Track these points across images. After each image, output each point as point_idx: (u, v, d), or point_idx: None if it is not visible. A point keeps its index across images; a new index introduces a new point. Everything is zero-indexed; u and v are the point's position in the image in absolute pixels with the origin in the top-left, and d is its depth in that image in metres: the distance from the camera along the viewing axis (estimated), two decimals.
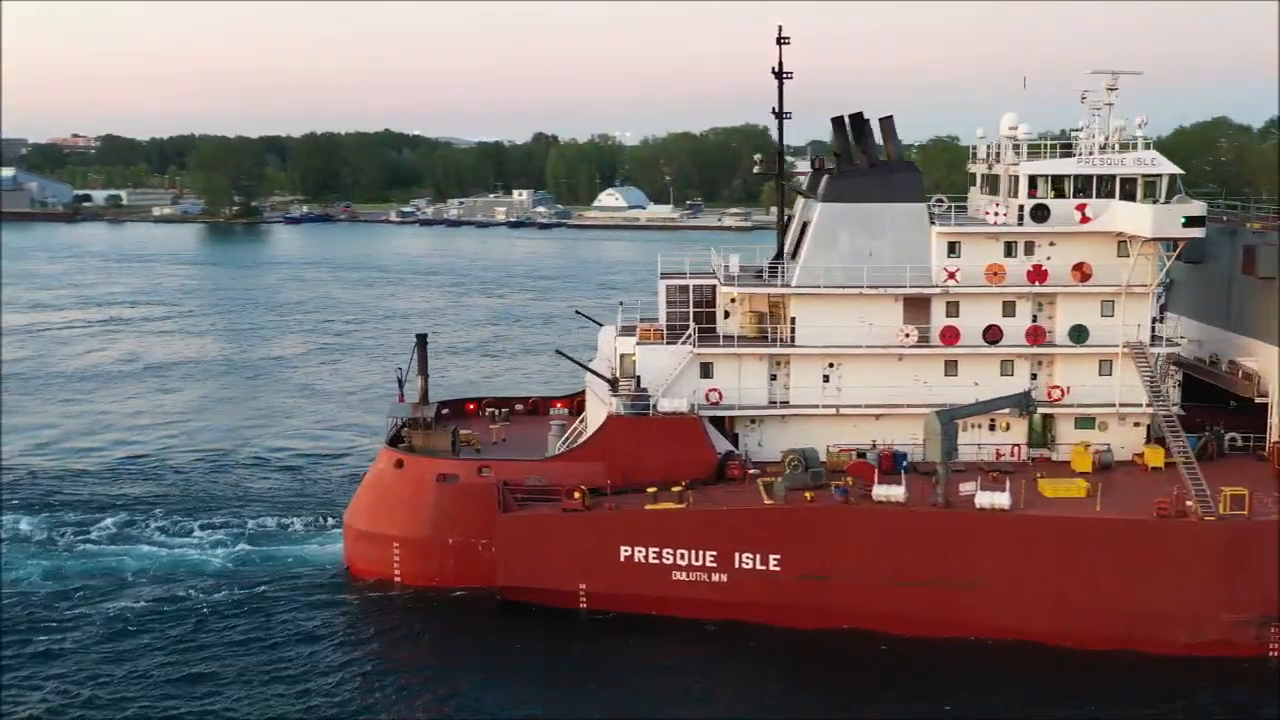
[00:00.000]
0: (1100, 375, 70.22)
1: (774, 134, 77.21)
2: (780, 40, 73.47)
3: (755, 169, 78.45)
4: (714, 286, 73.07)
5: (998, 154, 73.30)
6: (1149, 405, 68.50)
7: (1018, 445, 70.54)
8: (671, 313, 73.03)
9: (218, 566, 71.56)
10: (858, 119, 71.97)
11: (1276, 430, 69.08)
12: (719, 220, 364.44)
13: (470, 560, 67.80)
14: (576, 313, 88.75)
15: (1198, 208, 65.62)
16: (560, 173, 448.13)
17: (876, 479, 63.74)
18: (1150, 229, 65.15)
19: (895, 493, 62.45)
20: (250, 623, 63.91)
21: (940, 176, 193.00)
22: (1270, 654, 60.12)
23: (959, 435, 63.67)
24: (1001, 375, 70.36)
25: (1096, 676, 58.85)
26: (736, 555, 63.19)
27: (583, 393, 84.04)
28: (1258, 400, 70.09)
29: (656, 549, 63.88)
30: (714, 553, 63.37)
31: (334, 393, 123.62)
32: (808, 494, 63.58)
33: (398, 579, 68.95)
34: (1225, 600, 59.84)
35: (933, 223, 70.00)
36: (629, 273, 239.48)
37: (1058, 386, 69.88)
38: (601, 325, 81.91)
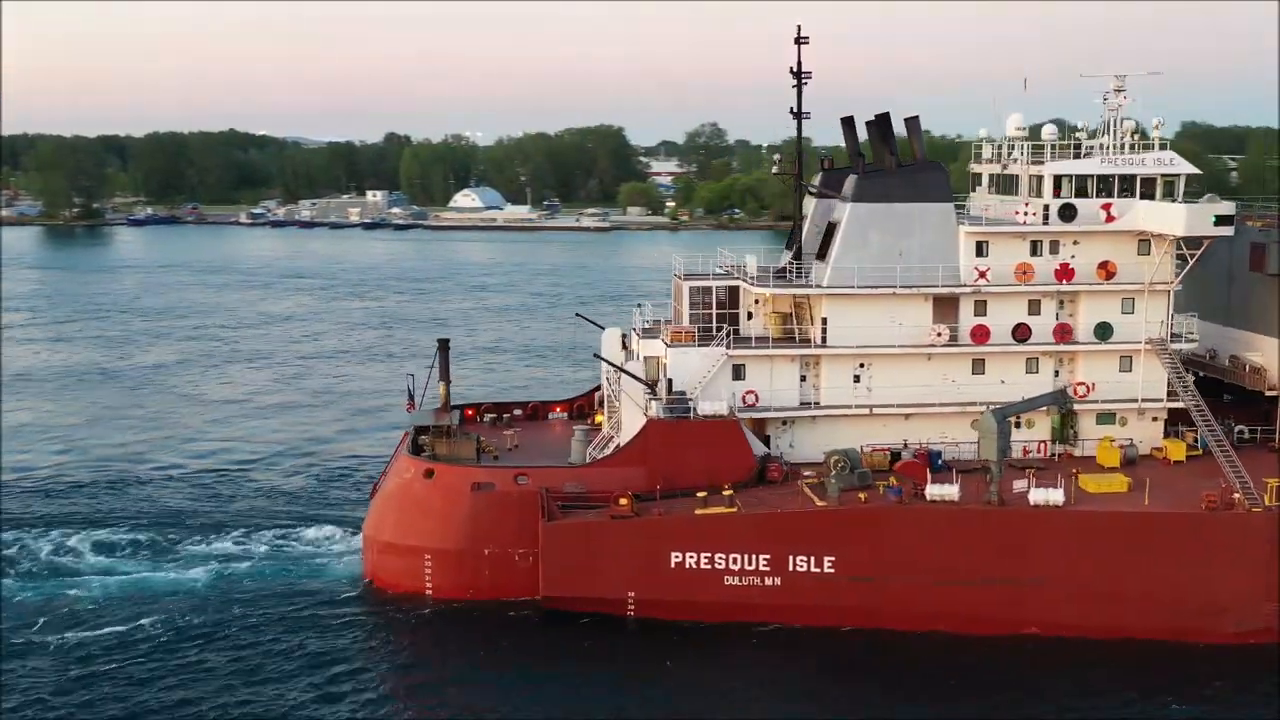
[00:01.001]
0: (1120, 371, 71.41)
1: (628, 135, 78.52)
2: (799, 40, 73.20)
3: (774, 170, 77.87)
4: (737, 287, 72.46)
5: (1010, 154, 74.05)
6: (1169, 400, 70.14)
7: (1042, 442, 71.39)
8: (694, 314, 72.18)
9: (223, 587, 68.05)
10: (884, 119, 72.05)
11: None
12: (577, 221, 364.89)
13: (507, 571, 66.00)
14: (577, 315, 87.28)
15: (1227, 207, 67.19)
16: (414, 173, 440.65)
17: (929, 478, 63.77)
18: (1183, 228, 66.46)
19: (949, 492, 62.53)
20: (281, 644, 61.11)
21: None
22: None
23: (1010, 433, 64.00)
24: (1027, 373, 71.09)
25: (1150, 668, 59.64)
26: (790, 558, 62.58)
27: (583, 397, 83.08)
28: (1268, 393, 72.03)
29: (708, 554, 62.88)
30: (767, 556, 62.66)
31: (241, 400, 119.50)
32: (861, 495, 63.30)
33: (429, 592, 66.75)
34: (1273, 589, 61.29)
35: (960, 222, 70.49)
36: (500, 273, 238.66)
37: (1082, 383, 70.85)
38: (604, 328, 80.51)
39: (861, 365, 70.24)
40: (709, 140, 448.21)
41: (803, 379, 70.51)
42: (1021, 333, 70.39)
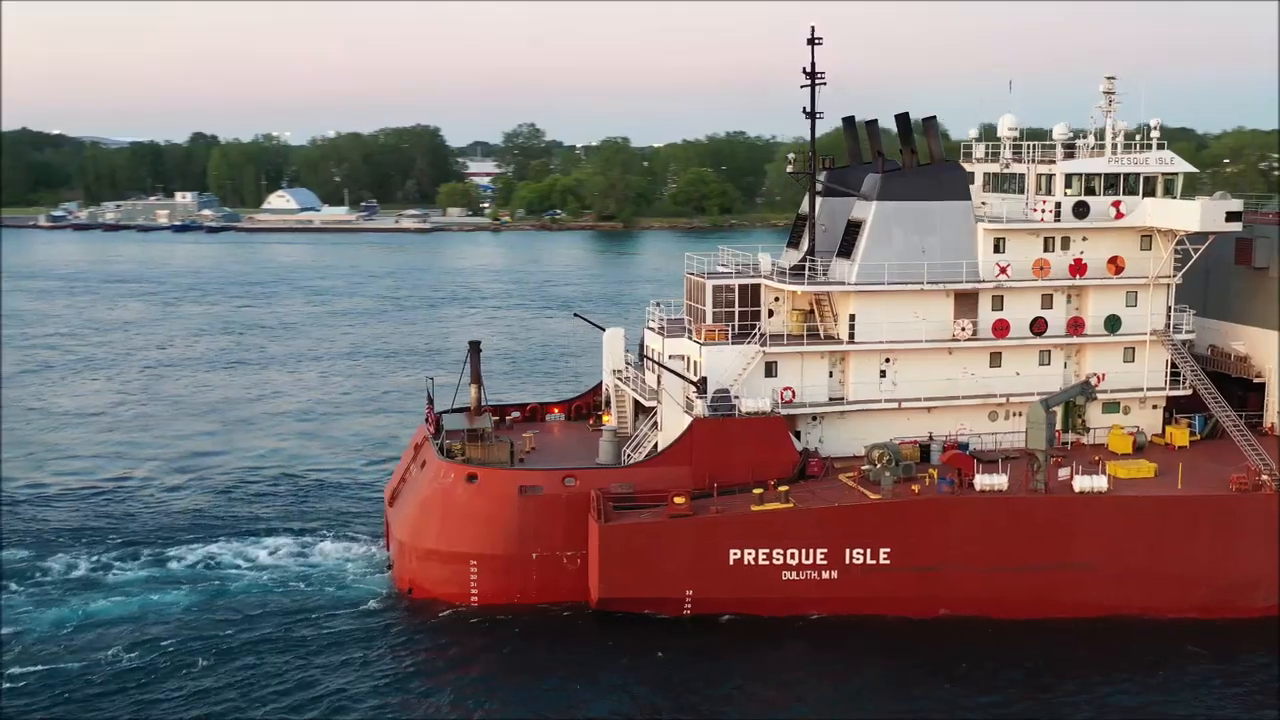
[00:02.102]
0: (1124, 362, 74.46)
1: (446, 136, 79.33)
2: (812, 41, 74.12)
3: (789, 168, 78.71)
4: (759, 285, 73.12)
5: (1014, 152, 76.45)
6: (1175, 388, 73.63)
7: (1059, 430, 73.87)
8: (717, 312, 72.55)
9: (253, 601, 65.90)
10: (903, 119, 73.57)
11: (1275, 408, 75.10)
12: (396, 222, 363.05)
13: (555, 574, 65.39)
14: (575, 315, 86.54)
15: (1237, 204, 70.73)
16: (224, 174, 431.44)
17: (977, 469, 65.49)
18: (1198, 223, 69.71)
19: (998, 481, 64.34)
20: (328, 660, 59.36)
21: None
22: None
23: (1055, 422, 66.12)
24: (1039, 365, 73.59)
25: (1186, 644, 62.43)
26: (847, 551, 63.56)
27: (581, 398, 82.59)
28: (1255, 380, 75.99)
29: (766, 550, 63.38)
30: (824, 550, 63.46)
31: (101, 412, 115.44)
32: (914, 486, 64.65)
33: (474, 599, 65.62)
34: None
35: (979, 219, 72.50)
36: (335, 276, 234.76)
37: (1093, 373, 73.60)
38: (604, 329, 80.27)
39: (887, 360, 71.66)
40: (527, 140, 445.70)
41: (830, 374, 71.62)
42: (1039, 326, 72.82)
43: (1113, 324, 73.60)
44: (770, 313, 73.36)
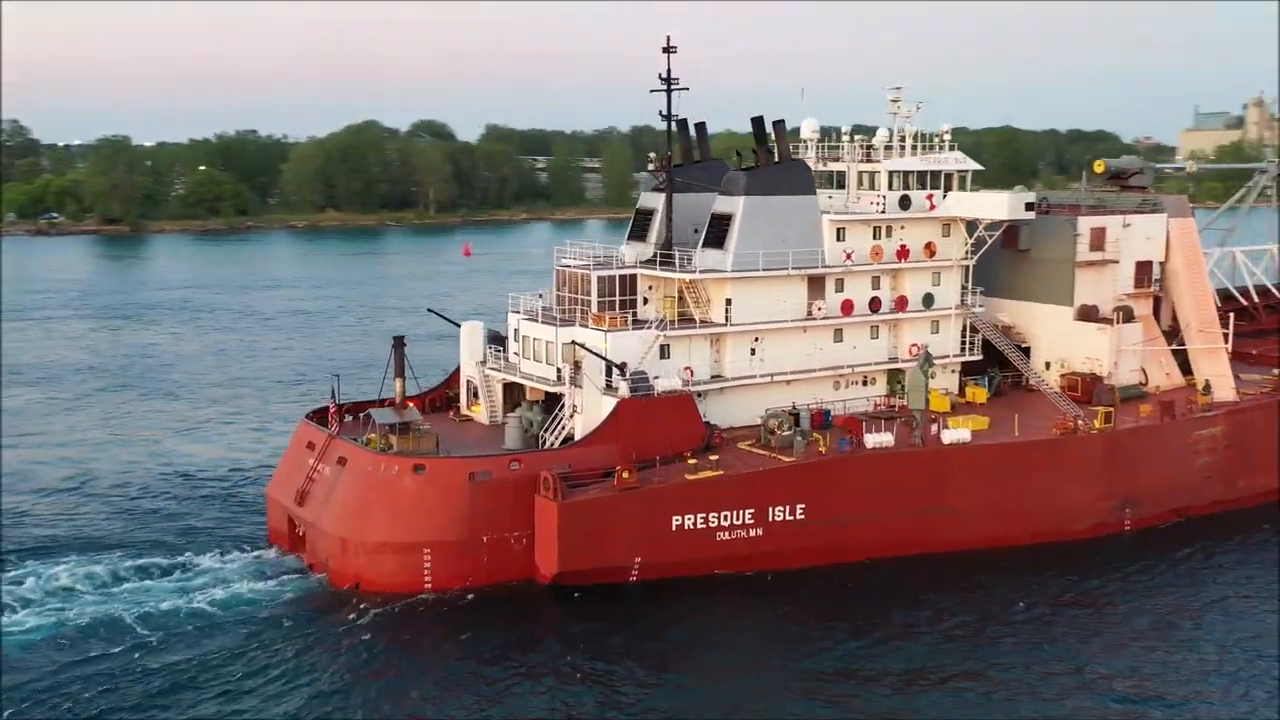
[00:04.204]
0: (932, 333, 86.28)
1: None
2: (668, 49, 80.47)
3: (650, 166, 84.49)
4: (635, 275, 78.86)
5: (838, 152, 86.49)
6: (966, 354, 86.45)
7: (884, 396, 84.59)
8: (601, 301, 77.66)
9: (173, 624, 62.77)
10: (758, 122, 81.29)
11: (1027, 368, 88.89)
12: None
13: (504, 555, 68.39)
14: (429, 311, 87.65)
15: (1031, 196, 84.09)
16: None
17: (865, 429, 74.59)
18: (1006, 213, 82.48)
19: (886, 439, 73.79)
20: (304, 664, 58.96)
21: None
22: (1126, 528, 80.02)
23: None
24: (871, 339, 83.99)
25: (1029, 567, 74.64)
26: (770, 510, 70.85)
27: (434, 391, 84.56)
28: (1022, 347, 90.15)
29: (703, 514, 69.52)
30: (752, 510, 70.40)
31: None
32: (821, 448, 72.85)
33: (428, 585, 67.35)
34: (1103, 492, 78.77)
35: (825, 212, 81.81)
36: None
37: (914, 344, 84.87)
38: (459, 324, 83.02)
39: (757, 339, 79.47)
40: (9, 138, 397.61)
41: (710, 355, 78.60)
42: (875, 305, 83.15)
43: (928, 300, 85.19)
44: (645, 300, 79.29)
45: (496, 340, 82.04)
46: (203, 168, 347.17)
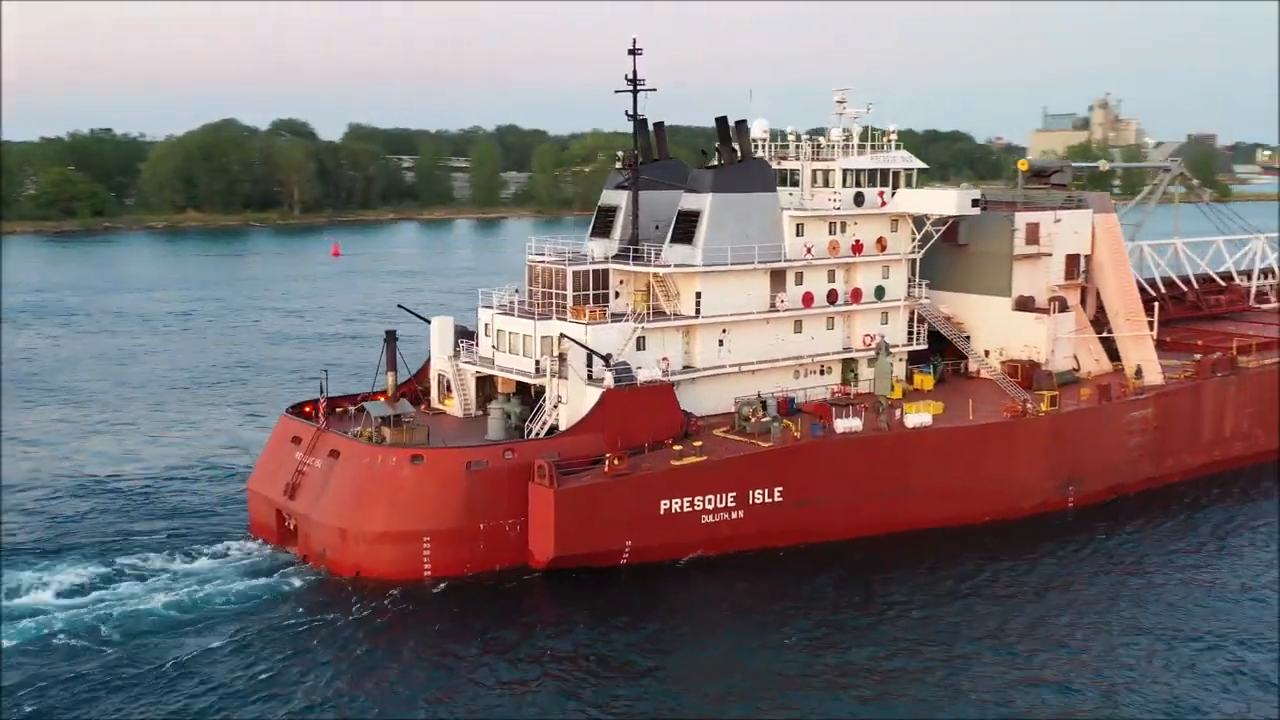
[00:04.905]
0: (881, 324, 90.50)
1: None
2: (633, 51, 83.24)
3: (617, 164, 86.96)
4: (608, 270, 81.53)
5: (792, 150, 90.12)
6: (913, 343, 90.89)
7: (840, 384, 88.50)
8: (577, 295, 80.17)
9: (177, 619, 63.40)
10: (722, 121, 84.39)
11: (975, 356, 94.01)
12: None
13: (500, 542, 70.58)
14: (399, 307, 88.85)
15: (977, 193, 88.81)
16: None
17: (834, 415, 78.28)
18: (955, 209, 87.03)
19: (855, 424, 77.63)
20: (311, 657, 60.03)
21: None
22: (1069, 505, 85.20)
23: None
24: (827, 329, 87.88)
25: (980, 542, 79.25)
26: (750, 493, 74.14)
27: (404, 386, 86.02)
28: (963, 336, 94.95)
29: (689, 498, 72.53)
30: (734, 493, 73.64)
31: None
32: (796, 434, 76.31)
33: (428, 573, 69.19)
34: (1050, 471, 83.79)
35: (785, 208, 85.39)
36: None
37: (868, 334, 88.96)
38: (428, 320, 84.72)
39: (724, 331, 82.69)
40: None
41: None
42: (832, 297, 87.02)
43: (879, 293, 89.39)
44: (616, 294, 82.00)
45: (464, 335, 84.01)
46: (57, 168, 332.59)
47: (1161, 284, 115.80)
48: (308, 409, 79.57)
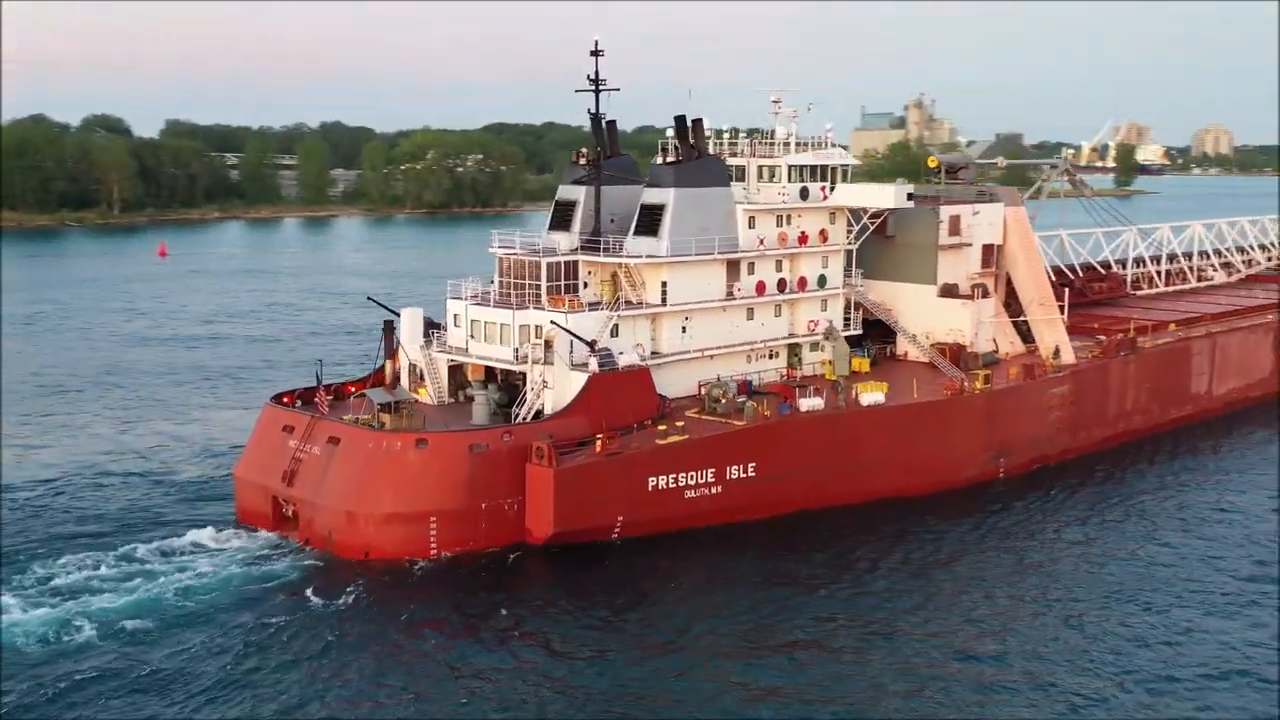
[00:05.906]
0: (821, 311, 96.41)
1: None
2: (595, 52, 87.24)
3: (581, 160, 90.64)
4: (577, 261, 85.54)
5: (731, 148, 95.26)
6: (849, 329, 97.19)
7: (787, 368, 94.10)
8: (550, 285, 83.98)
9: (195, 606, 65.00)
10: (681, 120, 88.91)
11: (901, 341, 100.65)
12: None
13: (499, 521, 74.08)
14: (369, 299, 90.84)
15: (911, 188, 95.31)
16: None
17: (798, 395, 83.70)
18: (892, 202, 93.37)
19: (817, 403, 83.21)
20: (350, 637, 62.48)
21: None
22: (1000, 475, 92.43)
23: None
24: (775, 316, 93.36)
25: (928, 512, 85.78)
26: (728, 469, 79.08)
27: (377, 374, 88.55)
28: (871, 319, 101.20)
29: (674, 475, 77.09)
30: (713, 469, 78.46)
31: None
32: (765, 412, 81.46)
33: (434, 552, 72.30)
34: (984, 444, 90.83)
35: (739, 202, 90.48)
36: None
37: (811, 320, 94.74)
38: (397, 313, 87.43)
39: (687, 318, 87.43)
40: None
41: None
42: (781, 285, 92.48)
43: (822, 281, 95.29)
44: (585, 284, 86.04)
45: (431, 325, 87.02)
46: None
47: (1051, 271, 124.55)
48: (286, 399, 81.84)
